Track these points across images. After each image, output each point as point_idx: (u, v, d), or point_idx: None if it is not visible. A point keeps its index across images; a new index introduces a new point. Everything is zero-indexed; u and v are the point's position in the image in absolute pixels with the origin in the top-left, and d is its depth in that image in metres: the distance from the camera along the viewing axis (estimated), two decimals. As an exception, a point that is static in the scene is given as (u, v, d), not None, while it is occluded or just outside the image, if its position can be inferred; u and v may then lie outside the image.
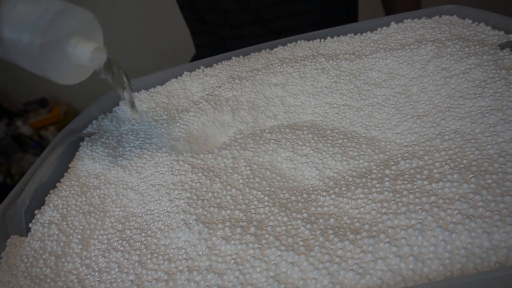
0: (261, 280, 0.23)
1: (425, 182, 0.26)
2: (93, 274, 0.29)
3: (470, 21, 0.41)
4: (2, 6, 0.34)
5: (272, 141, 0.36)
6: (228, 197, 0.31)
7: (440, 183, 0.25)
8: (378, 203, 0.26)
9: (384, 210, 0.25)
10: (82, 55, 0.35)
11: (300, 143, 0.35)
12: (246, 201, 0.30)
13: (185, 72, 0.53)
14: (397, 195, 0.26)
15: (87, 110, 0.51)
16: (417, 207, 0.24)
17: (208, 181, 0.32)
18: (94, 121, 0.50)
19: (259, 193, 0.30)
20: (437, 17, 0.44)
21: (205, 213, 0.29)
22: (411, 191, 0.26)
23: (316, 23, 0.60)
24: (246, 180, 0.32)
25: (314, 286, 0.22)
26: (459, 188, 0.25)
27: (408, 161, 0.29)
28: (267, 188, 0.31)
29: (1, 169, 1.46)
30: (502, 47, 0.36)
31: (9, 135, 1.53)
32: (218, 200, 0.31)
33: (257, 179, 0.32)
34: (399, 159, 0.30)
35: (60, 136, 0.47)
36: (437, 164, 0.27)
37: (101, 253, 0.31)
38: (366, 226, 0.25)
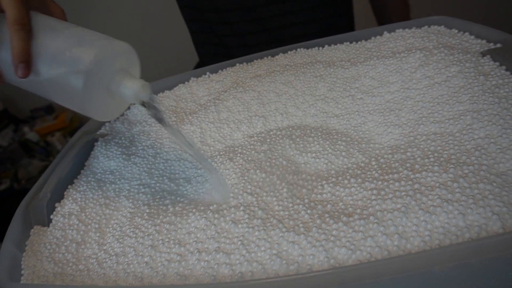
0: (265, 257, 0.27)
1: (410, 173, 0.29)
2: (110, 258, 0.33)
3: (456, 31, 0.45)
4: (37, 40, 0.33)
5: (284, 137, 0.39)
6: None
7: (423, 173, 0.29)
8: (369, 190, 0.29)
9: (373, 197, 0.28)
10: (127, 93, 0.33)
11: (310, 139, 0.38)
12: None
13: (192, 78, 0.56)
14: (385, 183, 0.29)
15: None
16: (402, 193, 0.27)
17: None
18: (107, 124, 0.53)
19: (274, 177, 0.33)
20: (426, 27, 0.48)
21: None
22: (397, 180, 0.29)
23: (316, 32, 0.64)
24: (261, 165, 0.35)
25: (311, 261, 0.25)
26: (439, 177, 0.28)
27: (395, 155, 0.33)
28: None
29: (8, 174, 1.49)
30: (483, 54, 0.39)
31: (16, 141, 1.57)
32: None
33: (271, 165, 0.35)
34: (389, 155, 0.33)
35: (76, 137, 0.51)
36: (418, 159, 0.30)
37: (116, 239, 0.34)
38: (358, 210, 0.28)
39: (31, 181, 1.44)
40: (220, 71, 0.56)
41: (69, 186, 0.43)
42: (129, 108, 0.55)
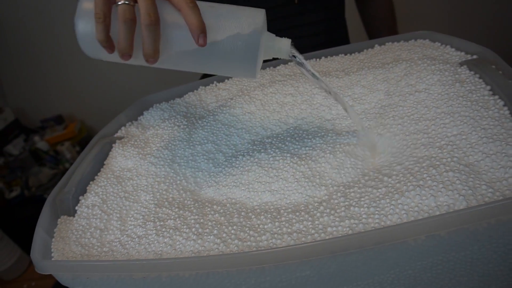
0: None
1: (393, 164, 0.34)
2: (133, 240, 0.37)
3: (439, 44, 0.50)
4: (206, 12, 0.37)
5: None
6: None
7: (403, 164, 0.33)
8: (363, 181, 0.34)
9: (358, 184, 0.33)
10: (284, 49, 0.39)
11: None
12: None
13: (200, 86, 0.61)
14: (369, 173, 0.34)
15: (117, 119, 0.60)
16: (381, 183, 0.32)
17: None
18: (122, 128, 0.58)
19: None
20: (413, 40, 0.53)
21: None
22: (380, 171, 0.34)
23: (319, 44, 0.70)
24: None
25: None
26: (414, 168, 0.33)
27: (382, 154, 0.37)
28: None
29: (19, 182, 1.54)
30: (461, 64, 0.44)
31: (27, 150, 1.62)
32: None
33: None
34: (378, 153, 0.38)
35: (95, 140, 0.56)
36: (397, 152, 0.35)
37: (139, 224, 0.39)
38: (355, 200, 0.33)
39: (41, 188, 1.49)
40: (226, 80, 0.61)
41: (91, 182, 0.48)
42: (143, 114, 0.60)
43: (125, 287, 0.35)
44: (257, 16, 0.37)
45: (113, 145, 0.54)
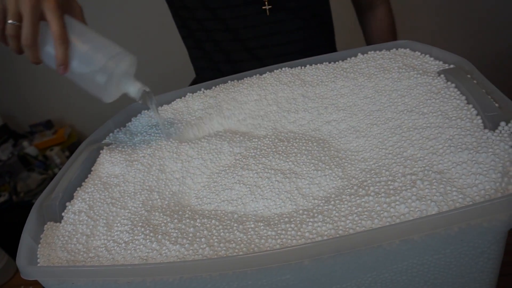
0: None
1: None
2: (119, 245, 0.38)
3: (419, 53, 0.52)
4: (72, 46, 0.46)
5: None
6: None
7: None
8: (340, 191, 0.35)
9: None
10: (132, 90, 0.50)
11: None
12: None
13: (188, 93, 0.62)
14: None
15: (105, 125, 0.60)
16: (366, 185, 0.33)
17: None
18: (111, 134, 0.59)
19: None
20: (394, 49, 0.55)
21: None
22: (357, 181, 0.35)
23: (296, 51, 0.72)
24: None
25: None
26: (381, 178, 0.34)
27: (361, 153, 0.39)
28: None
29: (7, 187, 1.53)
30: (439, 73, 0.46)
31: (16, 155, 1.61)
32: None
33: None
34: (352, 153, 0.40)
35: (83, 146, 0.56)
36: (367, 147, 0.36)
37: (125, 230, 0.39)
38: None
39: (30, 194, 1.48)
40: (213, 87, 0.62)
41: (78, 188, 0.48)
42: (131, 120, 0.61)
43: (111, 292, 0.35)
44: (121, 57, 0.47)
45: (101, 151, 0.54)
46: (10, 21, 0.45)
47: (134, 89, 0.49)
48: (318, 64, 0.58)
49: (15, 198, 1.48)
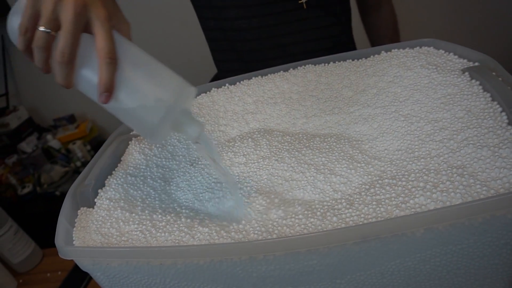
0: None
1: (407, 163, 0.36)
2: (151, 230, 0.40)
3: (443, 51, 0.52)
4: (121, 71, 0.35)
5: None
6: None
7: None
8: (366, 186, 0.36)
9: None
10: (191, 133, 0.37)
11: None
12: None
13: (213, 88, 0.64)
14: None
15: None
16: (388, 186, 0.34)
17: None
18: (138, 126, 0.61)
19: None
20: (418, 48, 0.55)
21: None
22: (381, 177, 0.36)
23: (325, 48, 0.73)
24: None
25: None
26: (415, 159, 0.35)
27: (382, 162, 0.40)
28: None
29: (31, 179, 1.58)
30: (463, 71, 0.46)
31: (40, 148, 1.66)
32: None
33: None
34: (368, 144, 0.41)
35: (112, 137, 0.58)
36: (387, 143, 0.38)
37: (156, 216, 0.41)
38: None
39: (53, 185, 1.52)
40: (238, 83, 0.64)
41: (109, 176, 0.51)
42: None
43: (143, 273, 0.37)
44: (182, 91, 0.36)
45: (130, 142, 0.56)
46: (42, 28, 0.35)
47: (193, 130, 0.37)
48: (342, 62, 0.59)
49: (39, 189, 1.53)
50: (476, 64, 0.47)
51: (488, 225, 0.30)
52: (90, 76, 0.36)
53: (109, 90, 0.35)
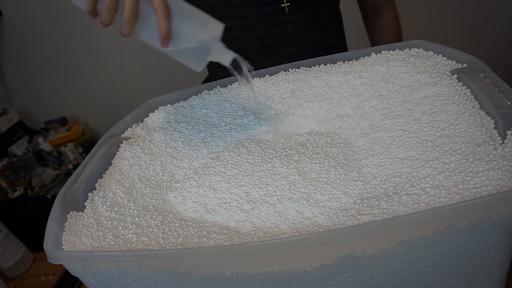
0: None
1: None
2: (142, 233, 0.39)
3: (432, 53, 0.53)
4: (175, 21, 0.46)
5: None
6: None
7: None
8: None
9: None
10: (225, 58, 0.49)
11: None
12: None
13: (204, 90, 0.64)
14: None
15: (123, 120, 0.62)
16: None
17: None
18: (129, 128, 0.61)
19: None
20: (407, 49, 0.56)
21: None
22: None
23: (309, 51, 0.73)
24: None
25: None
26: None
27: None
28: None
29: (22, 182, 1.57)
30: (452, 73, 0.47)
31: (31, 151, 1.65)
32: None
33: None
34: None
35: (103, 140, 0.58)
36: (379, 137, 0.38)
37: (147, 219, 0.41)
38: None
39: (44, 188, 1.51)
40: (228, 85, 0.63)
41: (99, 179, 0.50)
42: (148, 115, 0.63)
43: (133, 277, 0.37)
44: (215, 29, 0.47)
45: (121, 145, 0.56)
46: None
47: (227, 56, 0.49)
48: (332, 64, 0.59)
49: (30, 193, 1.52)
50: (465, 65, 0.48)
51: (474, 226, 0.30)
52: (151, 28, 0.46)
53: (168, 36, 0.46)
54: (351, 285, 0.34)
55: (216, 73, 0.82)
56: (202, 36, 0.47)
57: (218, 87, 0.64)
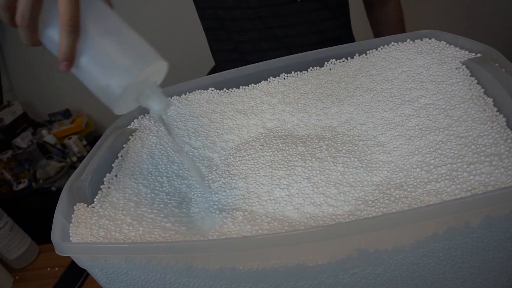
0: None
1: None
2: (151, 226, 0.39)
3: (444, 43, 0.52)
4: (84, 38, 0.33)
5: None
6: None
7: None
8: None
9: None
10: (154, 108, 0.37)
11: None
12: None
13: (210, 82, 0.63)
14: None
15: (130, 111, 0.62)
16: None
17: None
18: (135, 120, 0.60)
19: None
20: (419, 40, 0.54)
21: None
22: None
23: (318, 41, 0.73)
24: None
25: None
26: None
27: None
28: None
29: (26, 174, 1.57)
30: (466, 63, 0.46)
31: (35, 143, 1.65)
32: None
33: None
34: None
35: (109, 131, 0.57)
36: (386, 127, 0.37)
37: (155, 211, 0.40)
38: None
39: (49, 181, 1.51)
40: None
41: (108, 172, 0.50)
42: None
43: (142, 270, 0.36)
44: (140, 63, 0.34)
45: (130, 137, 0.55)
46: None
47: (157, 107, 0.37)
48: (344, 59, 0.58)
49: (34, 185, 1.52)
50: (479, 55, 0.46)
51: (492, 219, 0.29)
52: (54, 39, 0.33)
53: (69, 59, 0.33)
54: (365, 279, 0.33)
55: (223, 61, 0.81)
56: (126, 67, 0.33)
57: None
